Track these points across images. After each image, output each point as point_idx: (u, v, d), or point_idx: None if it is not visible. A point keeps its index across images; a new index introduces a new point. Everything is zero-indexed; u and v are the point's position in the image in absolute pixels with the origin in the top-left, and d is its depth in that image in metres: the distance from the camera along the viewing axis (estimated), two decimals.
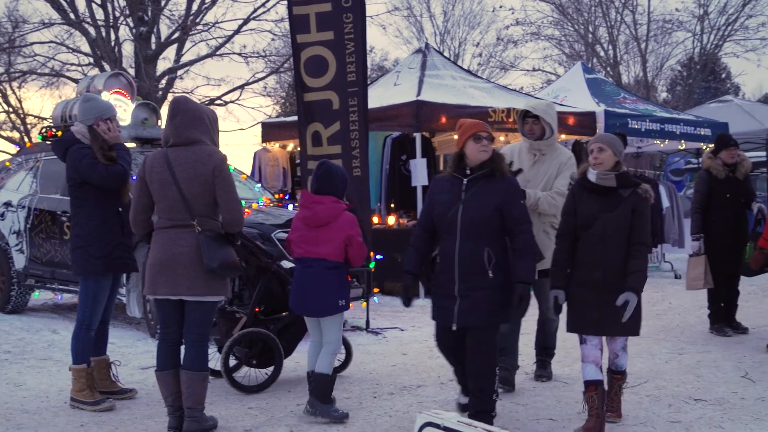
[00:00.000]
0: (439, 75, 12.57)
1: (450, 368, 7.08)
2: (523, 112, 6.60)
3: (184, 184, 5.10)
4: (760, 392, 6.20)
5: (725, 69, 58.42)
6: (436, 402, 6.00)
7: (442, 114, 11.27)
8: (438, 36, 40.58)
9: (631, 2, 31.62)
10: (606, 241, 5.21)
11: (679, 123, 14.35)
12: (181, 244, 5.11)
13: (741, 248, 8.45)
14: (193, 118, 5.24)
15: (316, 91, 9.20)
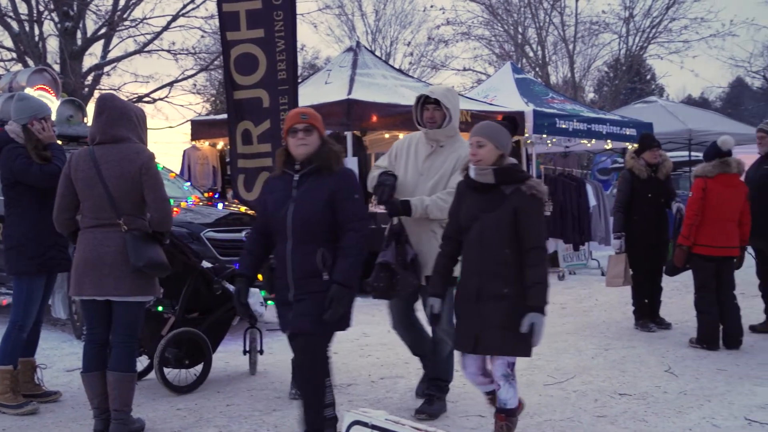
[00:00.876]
0: (370, 74, 12.60)
1: (382, 366, 7.15)
2: (421, 98, 5.84)
3: (111, 182, 5.02)
4: (682, 386, 6.36)
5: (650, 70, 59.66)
6: (367, 400, 6.02)
7: (373, 113, 11.29)
8: (370, 35, 40.65)
9: (559, 4, 32.10)
10: (482, 245, 4.62)
11: (605, 123, 14.61)
12: (107, 244, 5.03)
13: (662, 246, 8.67)
14: (120, 115, 5.18)
15: (246, 89, 9.11)
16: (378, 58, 14.86)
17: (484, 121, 5.08)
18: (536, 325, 4.50)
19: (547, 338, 8.28)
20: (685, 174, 21.11)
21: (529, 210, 4.59)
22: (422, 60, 37.63)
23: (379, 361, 7.39)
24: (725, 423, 5.35)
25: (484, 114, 12.73)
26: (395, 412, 5.66)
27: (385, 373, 6.92)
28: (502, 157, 4.74)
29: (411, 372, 6.93)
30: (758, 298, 8.78)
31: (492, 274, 4.58)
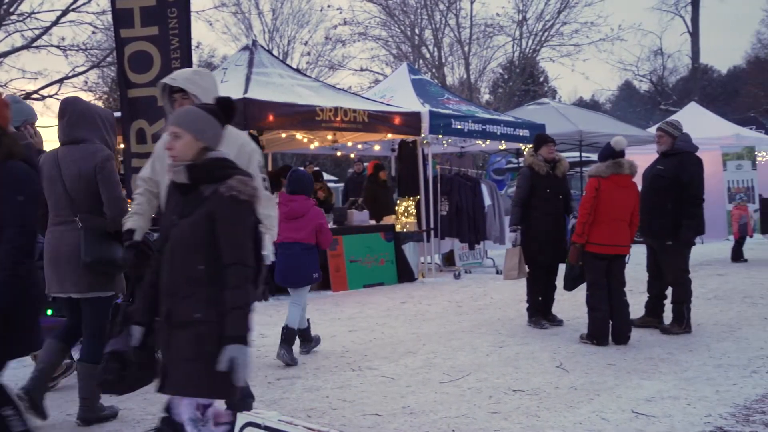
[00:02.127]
0: (267, 73, 12.49)
1: (279, 367, 7.09)
2: (165, 87, 4.79)
3: (68, 181, 5.21)
4: (573, 381, 6.51)
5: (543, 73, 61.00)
6: (263, 401, 5.96)
7: (269, 112, 11.20)
8: (267, 34, 40.35)
9: (455, 6, 32.54)
10: (172, 259, 3.77)
11: (499, 124, 14.86)
12: (65, 242, 5.21)
13: (560, 242, 8.88)
14: (81, 117, 5.34)
15: (141, 87, 8.95)
16: (275, 57, 14.76)
17: (182, 107, 4.33)
18: (237, 359, 3.53)
19: (443, 336, 8.44)
20: (576, 174, 21.67)
21: (227, 216, 3.68)
22: (320, 60, 37.63)
23: (276, 362, 7.33)
24: (614, 416, 5.50)
25: (381, 114, 12.81)
26: (292, 412, 5.65)
27: (281, 374, 6.87)
28: (205, 150, 3.83)
29: (308, 372, 6.92)
30: (645, 294, 9.06)
31: (183, 295, 3.70)
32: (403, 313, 10.11)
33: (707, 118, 23.90)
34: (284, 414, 5.49)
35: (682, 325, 8.50)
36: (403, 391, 6.26)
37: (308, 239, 7.53)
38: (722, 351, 7.60)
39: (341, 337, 8.51)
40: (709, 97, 54.56)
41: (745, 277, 13.34)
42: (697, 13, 45.16)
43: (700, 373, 6.71)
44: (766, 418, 5.42)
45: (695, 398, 5.93)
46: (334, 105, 12.10)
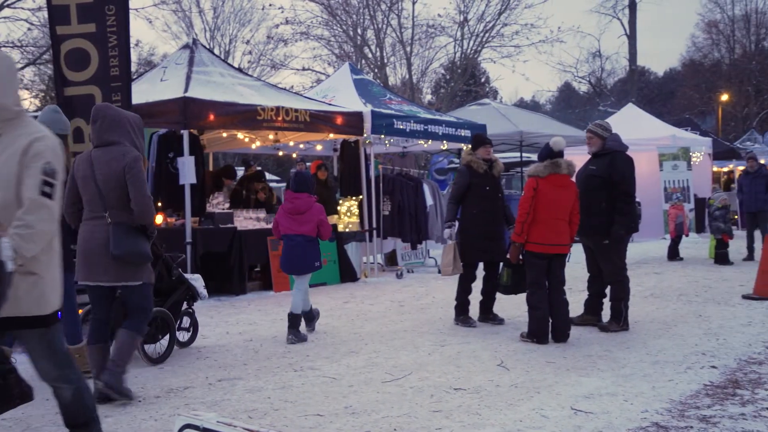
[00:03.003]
0: (208, 72, 12.38)
1: (220, 368, 7.04)
2: None
3: (100, 180, 5.76)
4: (514, 379, 6.58)
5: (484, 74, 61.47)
6: (204, 403, 5.91)
7: (210, 111, 11.12)
8: (208, 32, 40.06)
9: (397, 6, 32.62)
10: None
11: (441, 124, 14.94)
12: (96, 236, 5.77)
13: (499, 240, 8.97)
14: (112, 122, 5.89)
15: (78, 86, 8.82)
16: (216, 56, 14.64)
17: None
18: None
19: (385, 336, 8.46)
20: (517, 174, 21.91)
21: None
22: (261, 59, 37.46)
23: (217, 363, 7.28)
24: (553, 413, 5.57)
25: (323, 114, 12.79)
26: (233, 413, 5.61)
27: (223, 375, 6.82)
28: None
29: (250, 373, 6.87)
30: (585, 293, 9.20)
31: None
32: (346, 313, 10.10)
33: (644, 119, 24.40)
34: (225, 415, 5.46)
35: (620, 322, 8.64)
36: (345, 390, 6.25)
37: (311, 232, 8.52)
38: (658, 348, 7.74)
39: (283, 338, 8.47)
40: (646, 98, 55.61)
41: (681, 276, 13.61)
42: (634, 16, 45.98)
43: (637, 370, 6.83)
44: (700, 413, 5.54)
45: (632, 394, 6.03)
46: (275, 104, 12.05)
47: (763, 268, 10.89)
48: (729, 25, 57.48)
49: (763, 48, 57.67)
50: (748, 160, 16.82)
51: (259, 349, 7.84)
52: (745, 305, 10.30)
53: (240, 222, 12.37)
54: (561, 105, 71.58)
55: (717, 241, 15.55)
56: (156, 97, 11.30)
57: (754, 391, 6.12)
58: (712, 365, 7.02)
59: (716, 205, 15.76)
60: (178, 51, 13.68)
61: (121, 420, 5.53)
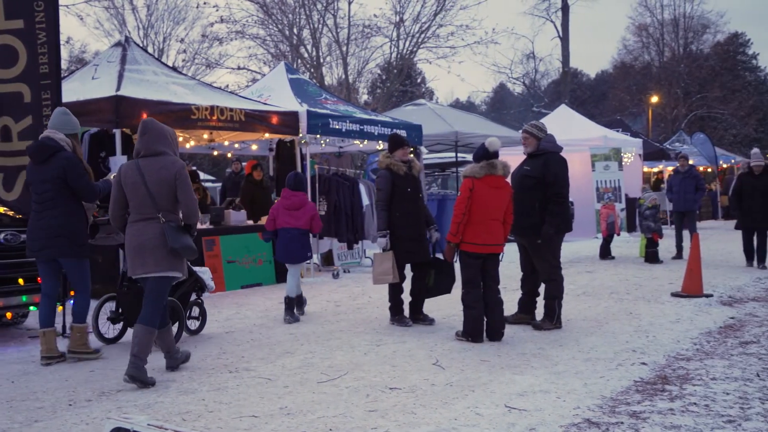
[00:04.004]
0: (141, 70, 12.19)
1: (153, 370, 6.94)
2: None
3: (152, 185, 6.52)
4: (449, 378, 6.62)
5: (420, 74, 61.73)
6: (137, 406, 5.82)
7: (143, 110, 10.93)
8: (141, 30, 39.53)
9: (333, 6, 32.55)
10: None
11: (377, 124, 14.96)
12: (147, 233, 6.52)
13: (424, 241, 9.03)
14: (158, 135, 6.70)
15: (6, 83, 8.60)
16: (149, 54, 14.40)
17: None
18: None
19: (321, 336, 8.46)
20: (453, 174, 22.05)
21: None
22: (196, 58, 37.06)
23: (150, 365, 7.17)
24: (487, 411, 5.63)
25: (258, 113, 12.71)
26: (166, 416, 5.54)
27: (156, 377, 6.72)
28: None
29: (184, 375, 6.80)
30: (519, 291, 9.31)
31: None
32: (281, 313, 10.06)
33: (577, 120, 24.78)
34: (158, 418, 5.40)
35: (553, 321, 8.76)
36: (281, 391, 6.23)
37: (305, 226, 9.73)
38: (590, 345, 7.88)
39: (218, 339, 8.41)
40: (578, 100, 56.54)
41: (612, 274, 13.86)
42: (567, 18, 46.69)
43: (570, 367, 6.94)
44: (630, 409, 5.65)
45: (565, 391, 6.13)
46: (210, 104, 11.93)
47: (691, 266, 11.15)
48: (658, 28, 58.77)
49: (691, 51, 59.07)
50: (680, 160, 17.18)
51: (194, 351, 7.76)
52: (673, 303, 10.54)
53: None
54: (496, 106, 72.28)
55: (647, 240, 15.88)
56: (87, 96, 11.09)
57: (682, 387, 6.27)
58: (642, 362, 7.16)
59: (646, 205, 16.08)
60: (110, 49, 13.41)
61: (51, 425, 5.43)
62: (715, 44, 61.78)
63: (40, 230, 7.29)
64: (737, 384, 6.35)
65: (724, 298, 10.98)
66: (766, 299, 10.86)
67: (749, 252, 14.79)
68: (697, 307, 10.17)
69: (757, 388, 6.21)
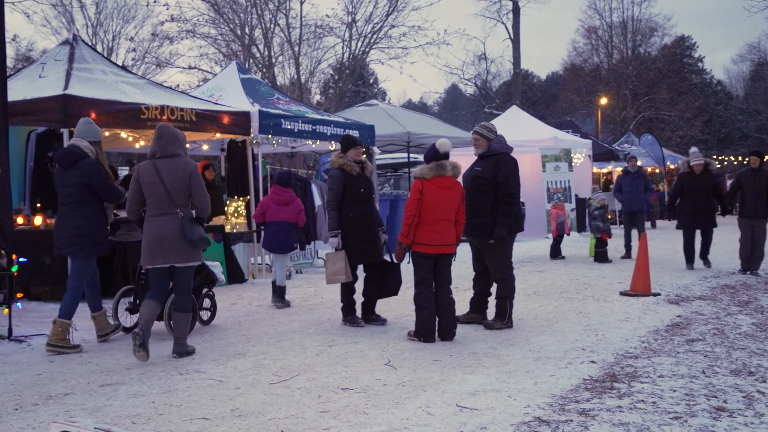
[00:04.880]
0: (89, 69, 12.03)
1: (102, 373, 6.86)
2: None
3: (169, 184, 7.34)
4: (401, 378, 6.64)
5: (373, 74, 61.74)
6: (85, 410, 5.74)
7: (91, 109, 10.79)
8: (90, 28, 39.01)
9: (285, 6, 32.44)
10: None
11: (329, 125, 14.94)
12: (167, 227, 7.34)
13: (377, 242, 9.04)
14: (173, 139, 7.52)
15: None
16: (98, 53, 14.21)
17: None
18: None
19: (273, 337, 8.42)
20: (405, 175, 22.11)
21: None
22: (146, 56, 36.63)
23: (99, 368, 7.10)
24: (439, 411, 5.65)
25: (209, 113, 12.63)
26: (115, 419, 5.48)
27: (105, 380, 6.65)
28: None
29: (133, 378, 6.73)
30: (471, 291, 9.36)
31: None
32: (233, 314, 10.00)
33: (528, 121, 25.00)
34: (106, 422, 5.34)
35: (504, 320, 8.83)
36: (232, 393, 6.19)
37: (293, 219, 10.75)
38: (541, 344, 7.95)
39: (169, 341, 8.31)
40: (529, 101, 57.04)
41: (562, 274, 14.01)
42: (517, 20, 47.04)
43: (520, 366, 6.99)
44: (580, 407, 5.71)
45: (515, 390, 6.18)
46: (160, 103, 11.82)
47: (639, 265, 11.31)
48: (607, 31, 59.52)
49: (640, 54, 59.93)
50: (629, 160, 17.41)
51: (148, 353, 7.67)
52: (622, 302, 10.69)
53: None
54: (448, 106, 72.65)
55: (596, 240, 16.07)
56: (34, 94, 10.91)
57: (630, 384, 6.35)
58: (591, 360, 7.25)
59: (595, 205, 16.28)
60: (58, 47, 13.20)
61: None
62: (663, 47, 62.77)
63: (67, 229, 8.01)
64: (684, 381, 6.46)
65: (671, 296, 11.16)
66: (712, 298, 11.06)
67: (691, 253, 14.55)
68: (645, 305, 10.32)
69: (703, 385, 6.33)
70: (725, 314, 9.71)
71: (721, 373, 6.74)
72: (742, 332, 8.60)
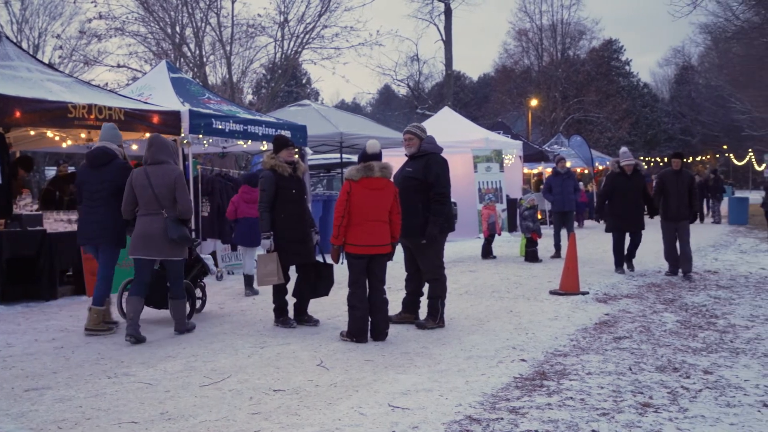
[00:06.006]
0: (13, 66, 11.73)
1: (27, 378, 6.70)
2: None
3: (156, 188, 8.28)
4: (333, 378, 6.63)
5: (306, 75, 61.55)
6: (9, 415, 5.59)
7: (16, 108, 10.54)
8: (15, 25, 38.09)
9: (216, 4, 32.12)
10: None
11: (261, 125, 14.82)
12: (153, 226, 8.27)
13: (309, 243, 9.02)
14: (161, 147, 8.50)
15: None
16: (23, 50, 13.85)
17: None
18: None
19: (204, 339, 8.35)
20: (338, 175, 22.08)
21: None
22: (74, 54, 35.91)
23: (24, 372, 6.94)
24: (371, 411, 5.66)
25: (138, 113, 12.43)
26: (41, 425, 5.37)
27: (30, 385, 6.49)
28: None
29: (60, 382, 6.59)
30: (403, 291, 9.40)
31: None
32: (163, 316, 9.86)
33: (460, 122, 25.20)
34: (31, 427, 5.23)
35: (437, 319, 8.89)
36: (162, 396, 6.11)
37: None
38: (472, 343, 8.03)
39: (96, 344, 8.18)
40: (461, 102, 57.57)
41: (494, 273, 14.15)
42: (449, 22, 47.39)
43: (452, 365, 7.05)
44: (510, 405, 5.78)
45: (447, 389, 6.23)
46: (88, 102, 11.58)
47: (569, 265, 11.49)
48: (537, 34, 60.39)
49: (569, 57, 60.96)
50: (559, 161, 17.66)
51: (71, 357, 7.54)
52: (551, 300, 10.85)
53: (50, 224, 11.83)
54: (381, 107, 72.83)
55: (527, 240, 16.28)
56: None
57: (559, 382, 6.46)
58: (521, 358, 7.35)
59: (525, 206, 16.49)
60: None
61: None
62: (591, 50, 63.98)
63: (93, 223, 8.81)
64: (611, 378, 6.59)
65: (599, 295, 11.37)
66: (639, 296, 11.30)
67: (622, 255, 14.28)
68: (574, 304, 10.49)
69: (630, 382, 6.46)
70: (651, 312, 9.93)
71: (647, 370, 6.90)
72: (668, 329, 8.80)
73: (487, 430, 5.24)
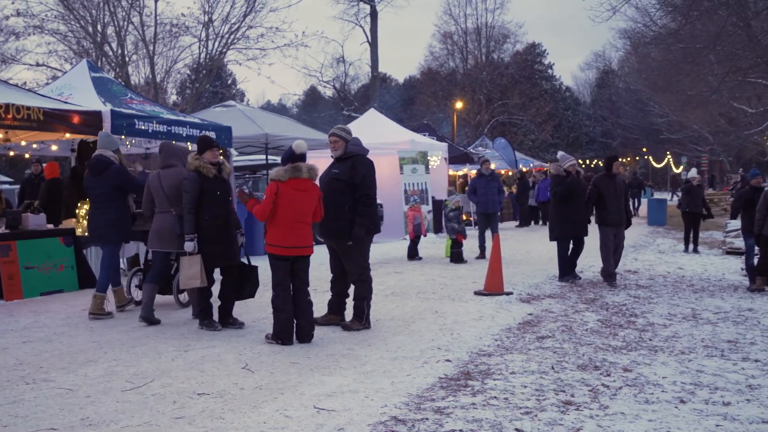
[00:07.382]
0: None
1: None
2: None
3: (167, 189, 9.22)
4: (258, 381, 6.59)
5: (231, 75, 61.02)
6: None
7: None
8: None
9: (138, 3, 31.64)
10: None
11: (185, 125, 14.64)
12: (166, 222, 9.21)
13: (233, 244, 8.96)
14: (172, 153, 9.58)
15: None
16: None
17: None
18: None
19: (126, 343, 8.22)
20: (263, 177, 21.94)
21: None
22: None
23: None
24: (296, 413, 5.65)
25: (58, 112, 12.17)
26: None
27: None
28: None
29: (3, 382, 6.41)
30: (329, 293, 9.39)
31: None
32: (84, 320, 9.67)
33: (385, 124, 25.28)
34: None
35: (362, 321, 8.90)
36: (83, 402, 5.99)
37: None
38: (398, 344, 8.06)
39: (14, 350, 7.98)
40: (387, 104, 57.71)
41: (419, 274, 14.23)
42: (375, 24, 47.56)
43: (378, 367, 7.07)
44: (435, 405, 5.83)
45: (373, 390, 6.24)
46: (5, 101, 11.29)
47: (493, 266, 11.63)
48: (462, 36, 61.00)
49: (493, 60, 61.70)
50: (483, 163, 17.83)
51: None
52: (476, 301, 10.97)
53: None
54: (307, 108, 72.61)
55: (452, 241, 16.41)
56: None
57: (483, 382, 6.53)
58: (446, 359, 7.41)
59: (451, 207, 16.62)
60: None
61: None
62: (515, 53, 64.87)
63: (100, 223, 9.92)
64: (534, 377, 6.69)
65: (522, 295, 11.53)
66: (561, 296, 11.50)
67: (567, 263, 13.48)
68: (498, 304, 10.62)
69: (552, 380, 6.58)
70: (573, 311, 10.12)
71: (569, 369, 7.03)
72: (589, 329, 8.98)
73: (413, 430, 5.27)
